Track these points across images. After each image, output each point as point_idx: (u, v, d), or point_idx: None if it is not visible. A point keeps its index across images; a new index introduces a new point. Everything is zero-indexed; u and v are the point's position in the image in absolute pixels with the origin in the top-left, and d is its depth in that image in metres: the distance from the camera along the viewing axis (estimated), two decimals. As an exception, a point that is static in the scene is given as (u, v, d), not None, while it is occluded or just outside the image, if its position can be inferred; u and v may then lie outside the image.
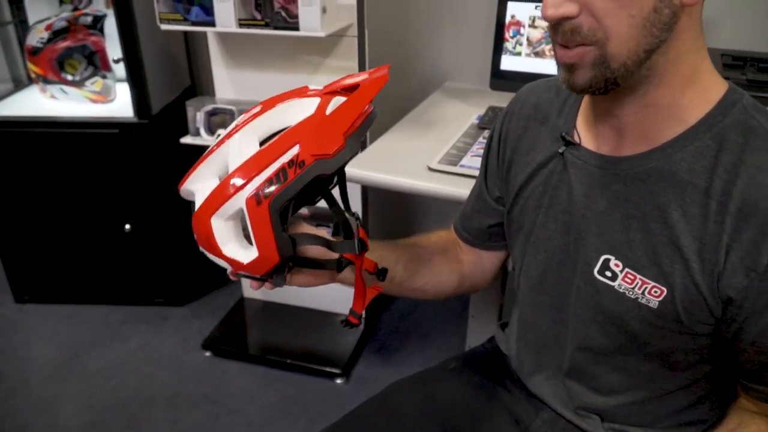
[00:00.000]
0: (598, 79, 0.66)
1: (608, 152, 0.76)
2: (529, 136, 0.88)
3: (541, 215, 0.85)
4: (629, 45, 0.64)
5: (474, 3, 1.97)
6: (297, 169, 0.66)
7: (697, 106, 0.69)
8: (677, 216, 0.70)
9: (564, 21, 0.65)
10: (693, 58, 0.68)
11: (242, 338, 2.11)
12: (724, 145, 0.68)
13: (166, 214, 2.14)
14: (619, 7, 0.62)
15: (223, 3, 1.53)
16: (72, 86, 2.06)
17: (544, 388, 0.93)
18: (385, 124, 1.75)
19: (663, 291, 0.72)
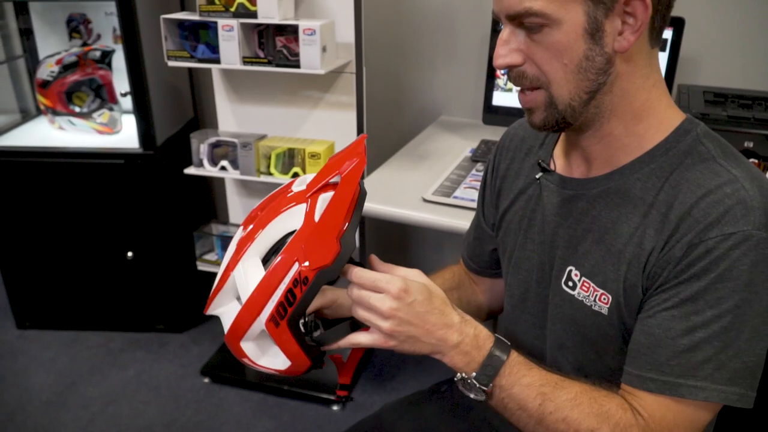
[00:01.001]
0: (549, 119, 0.76)
1: (579, 176, 0.84)
2: (515, 166, 0.96)
3: (521, 237, 0.92)
4: (569, 88, 0.73)
5: (466, 41, 2.06)
6: (302, 287, 0.71)
7: (654, 135, 0.77)
8: (626, 228, 0.77)
9: (512, 68, 0.75)
10: (644, 95, 0.76)
11: (240, 365, 2.13)
12: (676, 167, 0.75)
13: (168, 242, 2.19)
14: (553, 56, 0.71)
15: (229, 42, 1.61)
16: (80, 118, 2.13)
17: None
18: (382, 157, 1.82)
19: (609, 298, 0.79)
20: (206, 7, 1.62)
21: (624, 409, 0.75)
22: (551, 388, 0.76)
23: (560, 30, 0.70)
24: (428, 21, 2.08)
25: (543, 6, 0.69)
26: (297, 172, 1.75)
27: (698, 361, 0.71)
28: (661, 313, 0.73)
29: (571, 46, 0.71)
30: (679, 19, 1.62)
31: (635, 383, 0.75)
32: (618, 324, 0.79)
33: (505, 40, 0.73)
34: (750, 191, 0.70)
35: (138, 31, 1.89)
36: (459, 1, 2.01)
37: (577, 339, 0.86)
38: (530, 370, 0.77)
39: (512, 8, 0.70)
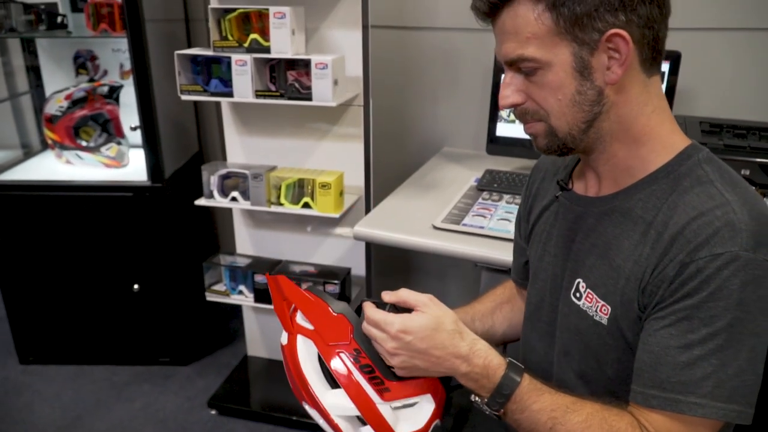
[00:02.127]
0: (552, 145, 0.84)
1: (593, 194, 0.90)
2: (545, 185, 1.03)
3: (540, 250, 0.98)
4: (566, 119, 0.81)
5: (467, 75, 2.12)
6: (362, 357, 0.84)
7: (657, 158, 0.82)
8: (627, 244, 0.82)
9: (515, 107, 0.83)
10: (643, 120, 0.82)
11: (247, 396, 2.14)
12: (675, 189, 0.80)
13: (174, 274, 2.20)
14: (549, 94, 0.80)
15: (242, 76, 1.66)
16: (88, 152, 2.16)
17: None
18: (388, 188, 1.86)
19: (608, 309, 0.83)
20: (220, 43, 1.67)
21: (633, 426, 0.77)
22: (561, 412, 0.79)
23: (552, 71, 0.78)
24: (430, 56, 2.15)
25: (533, 52, 0.77)
26: (307, 202, 1.78)
27: (697, 378, 0.74)
28: (659, 331, 0.76)
29: (563, 83, 0.78)
30: (675, 53, 1.70)
31: (639, 400, 0.78)
32: (617, 334, 0.83)
33: (507, 83, 0.82)
34: (739, 214, 0.74)
35: (149, 66, 1.94)
36: (460, 37, 2.09)
37: (580, 348, 0.90)
38: (541, 395, 0.81)
39: (508, 56, 0.79)
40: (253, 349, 2.29)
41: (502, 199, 1.71)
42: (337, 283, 1.87)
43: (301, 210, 1.79)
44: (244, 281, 1.98)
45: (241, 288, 1.97)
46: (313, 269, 1.97)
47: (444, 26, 2.08)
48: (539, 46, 0.76)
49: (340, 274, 1.92)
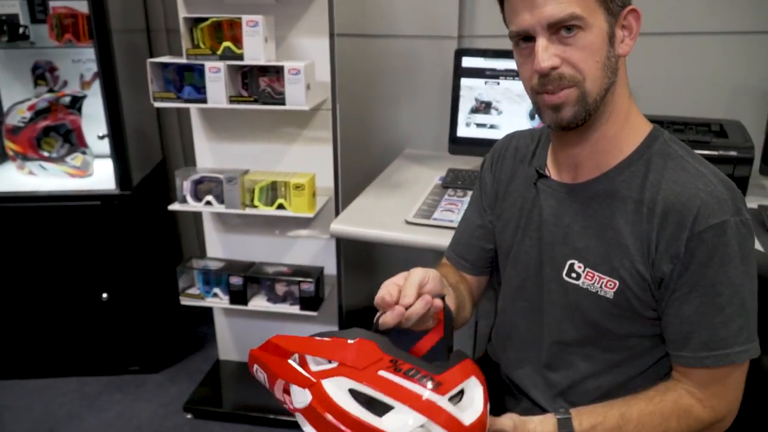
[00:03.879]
0: (579, 112, 0.88)
1: (569, 181, 0.99)
2: (511, 171, 1.10)
3: (519, 234, 1.06)
4: (598, 83, 0.87)
5: (427, 79, 2.24)
6: (402, 363, 0.76)
7: (632, 140, 0.94)
8: (622, 223, 0.92)
9: (552, 71, 0.86)
10: (626, 101, 0.93)
11: (223, 398, 2.17)
12: (650, 168, 0.91)
13: (143, 281, 2.21)
14: (588, 56, 0.86)
15: (216, 83, 1.71)
16: (52, 162, 2.15)
17: (526, 380, 1.10)
18: (355, 189, 1.94)
19: (616, 283, 0.93)
20: (193, 50, 1.72)
21: (677, 399, 0.91)
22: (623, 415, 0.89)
23: (592, 33, 0.85)
24: (391, 62, 2.25)
25: (582, 11, 0.83)
26: (282, 204, 1.84)
27: (735, 331, 0.87)
28: (690, 302, 0.88)
29: (600, 46, 0.86)
30: (618, 55, 1.85)
31: (692, 363, 0.90)
32: (624, 305, 0.93)
33: (545, 47, 0.85)
34: (716, 185, 0.87)
35: (116, 76, 1.96)
36: (419, 44, 2.20)
37: (577, 321, 0.99)
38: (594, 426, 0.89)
39: (555, 15, 0.84)
40: (225, 353, 2.32)
41: (467, 195, 1.82)
42: (312, 281, 1.93)
43: (275, 211, 1.85)
44: (218, 284, 2.02)
45: (216, 291, 2.01)
46: (287, 269, 2.03)
47: (404, 34, 2.19)
48: (585, 8, 0.84)
49: (314, 273, 1.98)
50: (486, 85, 1.97)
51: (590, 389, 1.03)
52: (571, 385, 1.04)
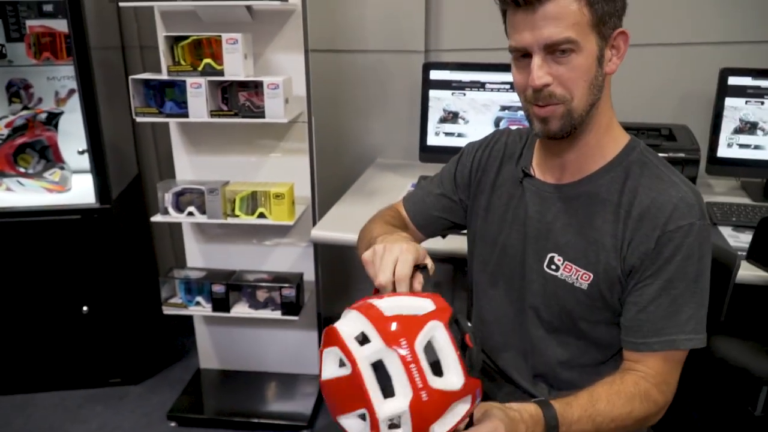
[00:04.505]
0: (565, 126, 0.98)
1: (553, 181, 1.10)
2: (496, 165, 1.20)
3: (506, 227, 1.16)
4: (585, 100, 0.97)
5: (396, 92, 2.35)
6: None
7: (612, 148, 1.05)
8: (600, 222, 1.03)
9: (544, 88, 0.95)
10: (609, 113, 1.04)
11: (207, 405, 2.22)
12: (629, 174, 1.03)
13: (122, 294, 2.25)
14: (579, 76, 0.95)
15: (197, 98, 1.78)
16: (30, 178, 2.18)
17: (509, 362, 1.21)
18: (330, 198, 2.03)
19: (590, 276, 1.04)
20: (174, 67, 1.79)
21: (637, 382, 0.99)
22: (591, 408, 0.95)
23: (583, 55, 0.94)
24: (362, 76, 2.35)
25: (576, 36, 0.92)
26: (262, 212, 1.91)
27: (683, 320, 0.98)
28: (649, 293, 0.99)
29: (590, 67, 0.95)
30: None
31: (642, 348, 1.00)
32: (596, 296, 1.04)
33: (540, 65, 0.94)
34: (687, 192, 0.99)
35: (95, 93, 2.01)
36: (388, 58, 2.31)
37: (554, 308, 1.10)
38: (570, 407, 0.93)
39: (552, 38, 0.92)
40: (206, 361, 2.36)
41: (439, 199, 1.92)
42: (292, 287, 2.01)
43: (256, 220, 1.92)
44: (200, 293, 2.07)
45: (198, 299, 2.06)
46: (267, 276, 2.09)
47: (374, 49, 2.30)
48: (579, 32, 0.92)
49: (294, 279, 2.06)
50: (453, 96, 2.09)
51: (565, 372, 1.14)
52: (549, 369, 1.15)
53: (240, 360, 2.33)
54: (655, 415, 1.01)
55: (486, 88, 2.05)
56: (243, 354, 2.32)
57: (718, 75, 1.95)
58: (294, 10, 1.88)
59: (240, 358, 2.33)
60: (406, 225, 1.30)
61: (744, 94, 1.95)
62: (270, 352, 2.31)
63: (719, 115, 1.97)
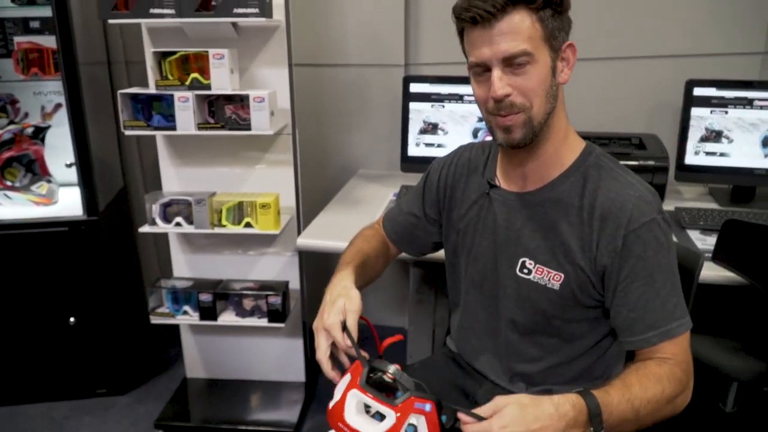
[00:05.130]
0: (527, 134, 1.06)
1: (517, 190, 1.17)
2: (464, 180, 1.27)
3: (477, 236, 1.23)
4: (543, 108, 1.05)
5: (377, 104, 2.42)
6: None
7: (570, 154, 1.12)
8: (565, 226, 1.10)
9: (505, 98, 1.03)
10: (564, 123, 1.12)
11: (194, 414, 2.24)
12: (587, 178, 1.10)
13: (109, 304, 2.28)
14: (537, 85, 1.02)
15: (184, 111, 1.83)
16: (17, 191, 2.21)
17: (486, 365, 1.27)
18: (316, 207, 2.09)
19: (561, 276, 1.11)
20: (162, 82, 1.84)
21: (659, 364, 1.03)
22: (628, 392, 0.98)
23: (539, 66, 1.02)
24: (344, 89, 2.43)
25: (531, 48, 1.00)
26: (249, 222, 1.96)
27: (671, 309, 1.05)
28: (633, 292, 1.05)
29: (545, 78, 1.03)
30: (549, 79, 2.07)
31: (644, 345, 1.06)
32: (568, 295, 1.11)
33: (500, 77, 1.01)
34: (643, 191, 1.07)
35: (83, 107, 2.05)
36: (369, 72, 2.39)
37: (528, 310, 1.17)
38: (608, 394, 0.97)
39: (509, 51, 0.99)
40: (193, 371, 2.39)
41: (421, 207, 1.98)
42: (278, 295, 2.05)
43: (243, 230, 1.97)
44: (187, 302, 2.11)
45: (186, 308, 2.10)
46: (254, 284, 2.14)
47: (356, 63, 2.37)
48: (534, 46, 1.00)
49: (279, 287, 2.10)
50: (432, 108, 2.16)
51: (540, 370, 1.20)
52: (525, 369, 1.22)
53: (226, 369, 2.37)
54: (683, 393, 1.04)
55: (464, 100, 2.13)
56: (229, 363, 2.36)
57: (684, 86, 2.05)
58: (278, 26, 1.95)
59: (226, 367, 2.37)
60: (385, 242, 1.41)
61: (709, 104, 2.05)
62: (256, 360, 2.35)
63: (686, 124, 2.07)
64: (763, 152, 2.03)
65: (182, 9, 1.76)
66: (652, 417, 1.01)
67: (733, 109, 2.03)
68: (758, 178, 2.06)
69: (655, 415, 1.01)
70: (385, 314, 2.67)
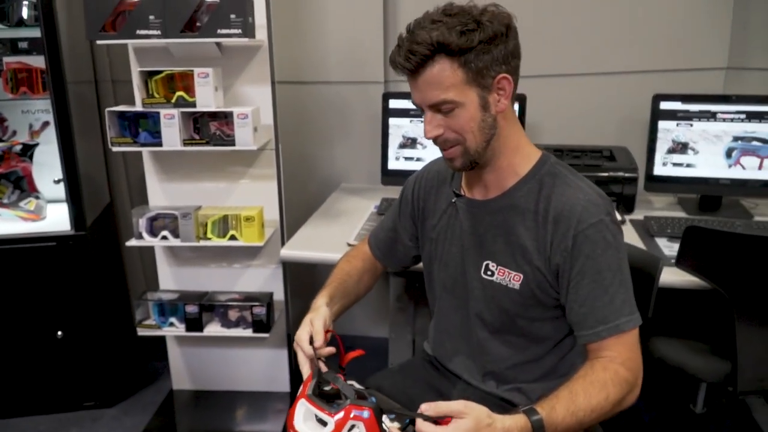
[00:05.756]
0: (465, 162, 1.16)
1: (480, 198, 1.25)
2: (433, 192, 1.36)
3: (447, 243, 1.31)
4: (476, 140, 1.13)
5: (357, 120, 2.50)
6: None
7: (525, 164, 1.20)
8: (522, 230, 1.18)
9: (437, 138, 1.13)
10: (516, 137, 1.19)
11: (180, 425, 2.28)
12: (542, 185, 1.18)
13: (96, 318, 2.32)
14: (465, 123, 1.11)
15: (170, 128, 1.89)
16: (5, 207, 2.26)
17: (460, 365, 1.34)
18: (299, 220, 2.15)
19: (521, 276, 1.18)
20: (149, 100, 1.90)
21: (605, 367, 1.09)
22: (572, 404, 1.03)
23: (465, 108, 1.10)
24: (325, 106, 2.50)
25: (453, 96, 1.08)
26: (234, 235, 2.02)
27: (619, 304, 1.11)
28: (583, 289, 1.12)
29: (474, 115, 1.11)
30: (522, 95, 2.16)
31: (593, 338, 1.12)
32: (528, 294, 1.18)
33: (429, 120, 1.12)
34: (592, 195, 1.15)
35: (71, 125, 2.11)
36: (349, 89, 2.47)
37: (494, 310, 1.24)
38: (554, 410, 1.02)
39: (432, 100, 1.09)
40: (179, 382, 2.43)
41: (400, 219, 2.05)
42: (263, 305, 2.11)
43: (228, 242, 2.03)
44: (173, 314, 2.15)
45: (172, 320, 2.15)
46: (239, 296, 2.19)
47: (337, 80, 2.45)
48: (456, 92, 1.07)
49: (264, 298, 2.16)
50: (411, 123, 2.24)
51: (510, 368, 1.27)
52: (496, 367, 1.29)
53: (212, 380, 2.41)
54: (630, 393, 1.10)
55: (441, 116, 2.21)
56: (215, 374, 2.40)
57: (652, 100, 2.14)
58: (261, 45, 2.02)
59: (212, 378, 2.41)
60: (369, 258, 1.50)
61: (675, 117, 2.14)
62: (241, 371, 2.39)
63: (654, 136, 2.16)
64: (727, 163, 2.13)
65: (168, 30, 1.83)
66: (596, 422, 1.08)
67: (698, 121, 2.13)
68: (723, 187, 2.15)
69: (599, 419, 1.08)
70: (368, 325, 2.73)
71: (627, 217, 2.09)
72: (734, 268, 1.56)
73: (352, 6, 2.39)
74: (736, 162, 2.12)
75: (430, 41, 1.04)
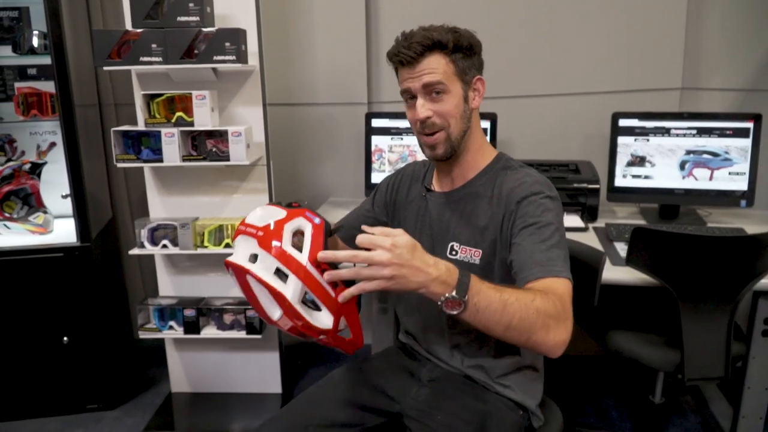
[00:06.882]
0: (447, 149, 1.35)
1: (447, 190, 1.45)
2: (407, 187, 1.56)
3: (418, 233, 1.48)
4: (459, 128, 1.34)
5: (344, 139, 2.69)
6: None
7: (485, 159, 1.41)
8: (480, 212, 1.37)
9: (427, 120, 1.32)
10: (480, 138, 1.41)
11: (178, 424, 2.42)
12: (497, 176, 1.38)
13: (100, 324, 2.47)
14: (451, 110, 1.32)
15: (170, 146, 2.08)
16: (15, 222, 2.42)
17: (432, 342, 1.51)
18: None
19: (480, 252, 1.36)
20: (150, 120, 2.09)
21: (534, 291, 1.14)
22: (501, 290, 1.11)
23: (452, 95, 1.31)
24: (313, 125, 2.70)
25: (445, 81, 1.29)
26: (228, 243, 2.20)
27: (554, 257, 1.24)
28: (525, 240, 1.26)
29: (458, 104, 1.32)
30: (493, 114, 2.36)
31: (530, 278, 1.19)
32: (488, 267, 1.36)
33: (422, 104, 1.31)
34: (537, 177, 1.35)
35: (78, 145, 2.29)
36: (336, 110, 2.66)
37: None
38: (483, 283, 1.10)
39: (429, 80, 1.29)
40: (177, 385, 2.58)
41: (382, 228, 2.23)
42: (256, 309, 2.27)
43: (223, 250, 2.20)
44: (173, 318, 2.32)
45: (171, 324, 2.31)
46: (233, 301, 2.36)
47: (324, 102, 2.65)
48: (447, 80, 1.30)
49: (257, 303, 2.32)
50: (392, 140, 2.43)
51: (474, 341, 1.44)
52: (462, 339, 1.45)
53: (209, 382, 2.56)
54: (556, 325, 1.12)
55: (420, 133, 2.40)
56: (211, 377, 2.55)
57: (611, 118, 2.35)
58: (253, 70, 2.22)
59: (208, 381, 2.56)
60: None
61: (633, 133, 2.34)
62: (236, 374, 2.55)
63: (614, 151, 2.36)
64: (681, 174, 2.32)
65: (168, 57, 2.02)
66: (520, 320, 1.09)
67: (654, 137, 2.33)
68: (678, 197, 2.35)
69: (524, 320, 1.10)
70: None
71: (590, 225, 2.28)
72: (677, 265, 1.74)
73: (338, 34, 2.60)
74: (689, 173, 2.32)
75: (430, 37, 1.28)
